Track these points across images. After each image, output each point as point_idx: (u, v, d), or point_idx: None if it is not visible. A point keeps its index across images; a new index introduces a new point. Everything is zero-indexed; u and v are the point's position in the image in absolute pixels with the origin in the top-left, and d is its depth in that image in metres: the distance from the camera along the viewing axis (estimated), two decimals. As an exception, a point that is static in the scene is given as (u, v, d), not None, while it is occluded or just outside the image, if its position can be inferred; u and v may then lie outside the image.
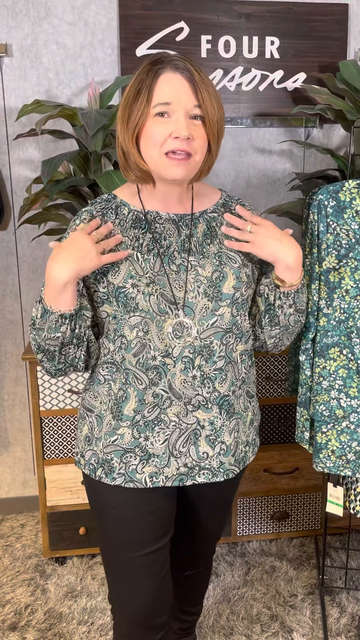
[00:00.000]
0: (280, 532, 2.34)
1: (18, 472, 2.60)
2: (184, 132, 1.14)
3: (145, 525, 1.30)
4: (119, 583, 1.34)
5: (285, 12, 2.29)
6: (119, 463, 1.27)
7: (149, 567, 1.32)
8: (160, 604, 1.36)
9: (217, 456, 1.29)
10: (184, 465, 1.27)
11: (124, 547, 1.31)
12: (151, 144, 1.17)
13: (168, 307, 1.22)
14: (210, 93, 1.18)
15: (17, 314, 2.46)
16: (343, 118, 2.09)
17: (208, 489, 1.38)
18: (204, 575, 1.68)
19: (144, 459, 1.26)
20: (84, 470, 1.33)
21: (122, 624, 1.38)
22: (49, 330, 1.18)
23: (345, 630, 1.94)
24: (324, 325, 1.64)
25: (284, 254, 1.24)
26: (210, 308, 1.24)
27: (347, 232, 1.61)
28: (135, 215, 1.26)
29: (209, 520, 1.49)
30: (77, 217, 1.28)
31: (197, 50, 2.28)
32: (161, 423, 1.25)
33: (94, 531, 2.22)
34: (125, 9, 2.22)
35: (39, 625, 1.96)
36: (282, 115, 2.37)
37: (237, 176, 2.45)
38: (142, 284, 1.21)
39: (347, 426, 1.66)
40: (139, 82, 1.18)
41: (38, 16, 2.22)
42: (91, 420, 1.32)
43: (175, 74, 1.16)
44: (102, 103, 2.12)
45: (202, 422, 1.27)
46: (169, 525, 1.36)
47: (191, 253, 1.25)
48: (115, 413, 1.27)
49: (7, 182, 2.34)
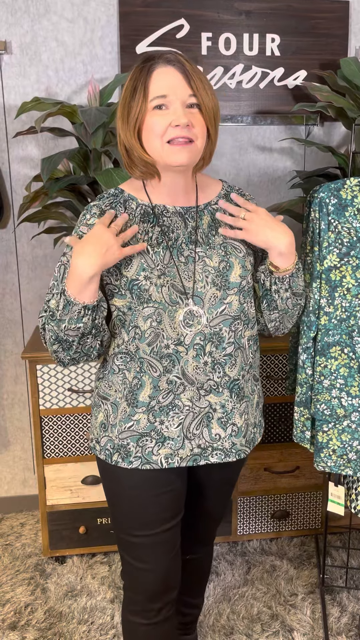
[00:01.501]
0: (281, 531, 2.34)
1: (18, 471, 2.59)
2: (183, 120, 1.19)
3: (160, 505, 1.36)
4: (133, 559, 1.40)
5: (286, 9, 2.28)
6: (136, 447, 1.32)
7: (162, 545, 1.39)
8: (171, 579, 1.43)
9: (229, 437, 1.35)
10: (198, 447, 1.33)
11: (140, 526, 1.37)
12: (153, 136, 1.21)
13: (179, 297, 1.27)
14: (203, 81, 1.23)
15: (17, 312, 2.46)
16: (344, 115, 2.09)
17: (217, 470, 1.44)
18: (205, 564, 1.72)
19: (159, 441, 1.31)
20: (99, 455, 1.38)
21: (133, 600, 1.45)
22: (70, 322, 1.22)
23: (346, 630, 1.94)
24: (325, 324, 1.63)
25: (276, 241, 1.29)
26: (219, 297, 1.29)
27: (349, 230, 1.60)
28: (143, 210, 1.30)
29: (214, 502, 1.54)
30: (86, 212, 1.31)
31: (197, 47, 2.27)
32: (175, 408, 1.30)
33: (94, 530, 2.22)
34: (125, 6, 2.21)
35: (39, 625, 1.96)
36: (283, 113, 2.37)
37: (238, 174, 2.44)
38: (154, 276, 1.26)
39: (348, 425, 1.65)
40: (134, 81, 1.23)
41: (37, 13, 2.21)
42: (106, 407, 1.36)
43: (167, 67, 1.21)
44: (102, 100, 2.11)
45: (214, 405, 1.32)
46: (182, 505, 1.43)
47: (198, 244, 1.30)
48: (130, 400, 1.31)
49: (6, 180, 2.33)
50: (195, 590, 1.75)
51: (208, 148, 1.29)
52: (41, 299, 2.46)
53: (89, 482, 2.17)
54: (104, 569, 2.22)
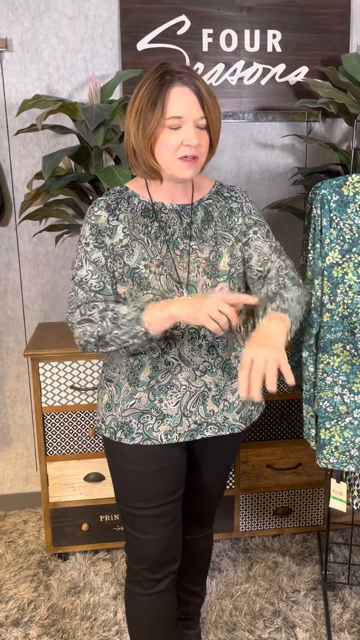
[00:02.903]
0: (283, 527, 2.34)
1: (20, 469, 2.60)
2: (194, 141, 1.31)
3: (162, 479, 1.45)
4: (137, 531, 1.48)
5: (287, 5, 2.27)
6: (137, 424, 1.41)
7: (164, 517, 1.47)
8: (171, 550, 1.51)
9: (221, 412, 1.45)
10: (194, 422, 1.43)
11: (142, 499, 1.45)
12: (165, 151, 1.33)
13: (175, 286, 1.37)
14: (213, 102, 1.34)
15: (19, 310, 2.46)
16: (346, 112, 2.08)
17: (213, 446, 1.52)
18: (204, 548, 1.76)
19: (159, 418, 1.41)
20: (104, 434, 1.46)
21: (135, 571, 1.51)
22: (125, 334, 1.32)
23: (349, 626, 1.94)
24: (327, 321, 1.63)
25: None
26: (210, 284, 1.39)
27: (351, 227, 1.60)
28: (144, 206, 1.41)
29: (211, 478, 1.60)
30: (94, 205, 1.41)
31: (198, 44, 2.27)
32: (173, 387, 1.41)
33: (97, 527, 2.22)
34: (126, 3, 2.21)
35: (42, 621, 1.97)
36: (284, 110, 2.36)
37: (239, 171, 2.44)
38: (153, 266, 1.36)
39: (350, 422, 1.65)
40: (150, 92, 1.31)
41: (38, 10, 2.21)
42: (111, 389, 1.46)
43: (184, 88, 1.31)
44: (103, 98, 2.11)
45: (208, 384, 1.43)
46: (181, 481, 1.50)
47: (192, 238, 1.41)
48: (131, 380, 1.42)
49: (7, 177, 2.33)
50: (195, 576, 1.79)
51: (208, 158, 1.40)
52: (43, 296, 2.46)
53: (92, 479, 2.17)
54: (106, 566, 2.23)
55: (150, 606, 1.51)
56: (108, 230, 1.37)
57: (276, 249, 1.44)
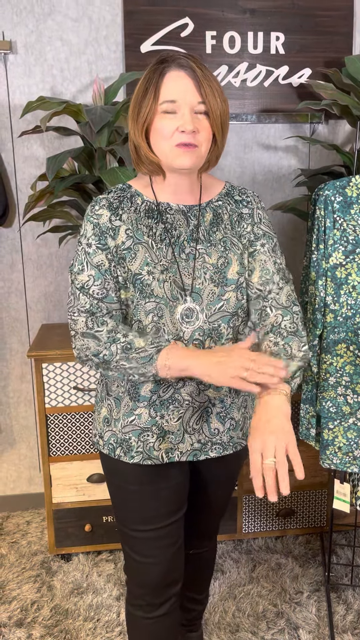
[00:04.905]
0: (286, 529, 2.34)
1: (23, 470, 2.60)
2: (189, 126, 1.21)
3: (162, 499, 1.38)
4: (136, 554, 1.41)
5: (290, 7, 2.28)
6: (137, 442, 1.34)
7: (165, 539, 1.40)
8: (173, 573, 1.44)
9: (227, 431, 1.38)
10: (198, 442, 1.35)
11: (142, 521, 1.38)
12: (160, 138, 1.24)
13: (179, 294, 1.29)
14: (213, 87, 1.24)
15: (22, 311, 2.46)
16: (349, 113, 2.08)
17: (217, 464, 1.45)
18: (208, 559, 1.72)
19: (160, 436, 1.33)
20: (102, 450, 1.39)
21: (136, 594, 1.45)
22: (132, 369, 1.23)
23: (352, 627, 1.94)
24: (330, 322, 1.63)
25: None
26: (217, 293, 1.30)
27: (354, 228, 1.60)
28: (148, 206, 1.32)
29: (216, 495, 1.55)
30: (95, 203, 1.31)
31: (201, 46, 2.27)
32: (175, 402, 1.33)
33: (100, 528, 2.23)
34: (130, 5, 2.22)
35: (45, 622, 1.97)
36: (288, 111, 2.36)
37: (243, 172, 2.44)
38: (157, 271, 1.28)
39: (354, 423, 1.65)
40: (146, 81, 1.25)
41: (42, 13, 2.22)
42: (109, 402, 1.38)
43: (179, 71, 1.23)
44: (106, 99, 2.11)
45: (212, 400, 1.35)
46: (184, 501, 1.43)
47: (199, 242, 1.32)
48: (132, 395, 1.33)
49: (12, 179, 2.34)
50: (199, 586, 1.76)
51: (214, 152, 1.31)
52: (46, 298, 2.46)
53: (95, 480, 2.17)
54: (109, 567, 2.23)
55: (152, 628, 1.46)
56: (110, 231, 1.28)
57: (280, 269, 1.35)
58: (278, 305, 1.33)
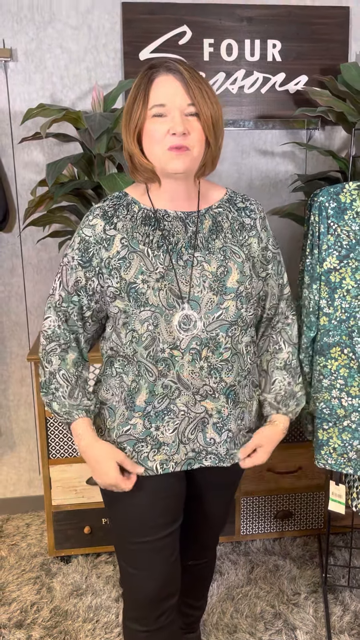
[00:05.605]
0: (284, 531, 2.36)
1: (23, 472, 2.62)
2: (180, 128, 1.21)
3: (157, 511, 1.36)
4: (132, 567, 1.39)
5: (287, 15, 2.31)
6: (132, 452, 1.33)
7: (160, 552, 1.37)
8: (170, 586, 1.41)
9: (224, 443, 1.35)
10: (192, 450, 1.34)
11: (137, 532, 1.36)
12: (152, 142, 1.24)
13: (175, 302, 1.26)
14: (203, 89, 1.24)
15: (22, 315, 2.49)
16: (344, 120, 2.11)
17: (214, 475, 1.43)
18: (208, 569, 1.70)
19: (155, 447, 1.32)
20: None
21: (132, 607, 1.44)
22: (56, 409, 1.37)
23: (349, 628, 1.96)
24: (324, 325, 1.65)
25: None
26: (216, 302, 1.28)
27: (348, 233, 1.62)
28: (145, 213, 1.31)
29: (214, 507, 1.53)
30: (90, 213, 1.32)
31: (199, 53, 2.30)
32: (171, 413, 1.31)
33: (99, 530, 2.24)
34: (129, 14, 2.25)
35: (45, 623, 1.98)
36: (284, 118, 2.39)
37: (240, 178, 2.47)
38: (152, 280, 1.26)
39: (348, 425, 1.67)
40: (136, 88, 1.26)
41: (42, 21, 2.25)
42: (103, 411, 1.37)
43: (167, 75, 1.23)
44: (105, 106, 2.14)
45: (210, 411, 1.32)
46: (180, 511, 1.42)
47: (197, 249, 1.30)
48: (128, 404, 1.32)
49: (12, 184, 2.37)
50: (197, 594, 1.75)
51: (209, 155, 1.28)
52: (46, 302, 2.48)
53: (94, 482, 2.19)
54: (108, 569, 2.25)
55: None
56: (104, 241, 1.28)
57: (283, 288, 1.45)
58: (289, 341, 1.45)
